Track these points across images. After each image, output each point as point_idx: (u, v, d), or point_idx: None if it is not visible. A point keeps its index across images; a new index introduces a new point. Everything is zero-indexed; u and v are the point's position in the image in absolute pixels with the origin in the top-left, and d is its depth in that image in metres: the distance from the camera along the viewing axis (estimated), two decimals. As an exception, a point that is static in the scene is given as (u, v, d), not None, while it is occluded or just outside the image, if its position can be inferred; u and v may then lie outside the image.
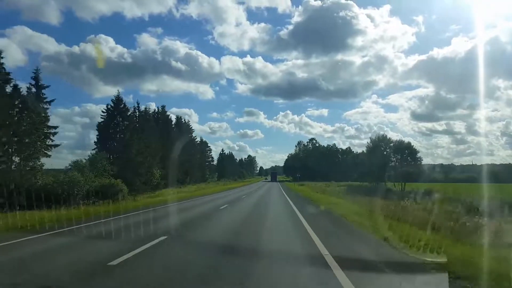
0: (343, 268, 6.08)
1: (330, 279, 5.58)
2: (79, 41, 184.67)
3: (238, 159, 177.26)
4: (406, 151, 70.56)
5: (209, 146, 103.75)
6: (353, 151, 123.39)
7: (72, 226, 11.66)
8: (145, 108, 58.54)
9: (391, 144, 72.25)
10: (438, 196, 25.74)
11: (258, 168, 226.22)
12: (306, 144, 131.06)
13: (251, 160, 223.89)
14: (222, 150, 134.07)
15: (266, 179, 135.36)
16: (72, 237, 10.26)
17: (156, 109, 62.15)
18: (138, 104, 56.74)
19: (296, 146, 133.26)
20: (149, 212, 17.06)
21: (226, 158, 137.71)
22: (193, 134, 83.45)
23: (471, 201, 25.37)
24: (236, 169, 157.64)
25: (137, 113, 55.36)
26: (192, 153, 74.96)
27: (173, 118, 71.53)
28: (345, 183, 78.16)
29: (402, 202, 18.66)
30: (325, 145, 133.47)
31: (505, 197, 27.18)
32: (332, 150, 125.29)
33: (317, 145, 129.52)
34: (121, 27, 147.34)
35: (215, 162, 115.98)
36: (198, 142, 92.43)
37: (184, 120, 79.72)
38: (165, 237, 9.51)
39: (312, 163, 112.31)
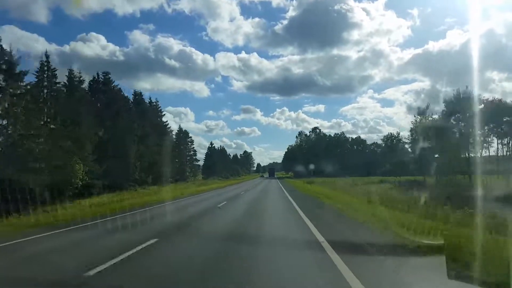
0: None
1: None
2: (69, 40, 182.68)
3: (232, 154, 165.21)
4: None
5: (191, 137, 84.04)
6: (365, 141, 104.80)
7: None
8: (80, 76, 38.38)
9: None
10: None
11: (255, 165, 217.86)
12: (308, 134, 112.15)
13: (247, 156, 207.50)
14: (211, 144, 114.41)
15: (262, 175, 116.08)
16: None
17: (97, 78, 42.07)
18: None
19: (297, 137, 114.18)
20: None
21: (216, 154, 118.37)
22: (165, 120, 63.85)
23: None
24: (229, 165, 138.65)
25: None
26: (163, 144, 55.12)
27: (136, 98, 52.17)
28: (377, 178, 58.96)
29: None
30: (331, 134, 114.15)
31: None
32: (340, 140, 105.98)
33: (322, 134, 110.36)
34: (112, 25, 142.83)
35: (200, 157, 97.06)
36: (174, 131, 72.88)
37: (151, 100, 60.14)
38: None
39: (318, 156, 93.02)
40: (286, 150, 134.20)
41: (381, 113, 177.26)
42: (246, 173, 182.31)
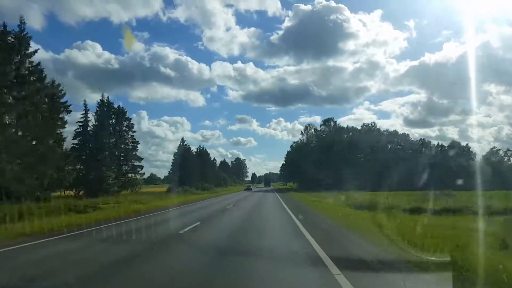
0: None
1: None
2: (64, 47, 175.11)
3: (220, 160, 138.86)
4: None
5: (129, 119, 52.85)
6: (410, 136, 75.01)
7: None
8: None
9: None
10: None
11: (249, 174, 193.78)
12: (320, 128, 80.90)
13: (239, 164, 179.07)
14: (183, 141, 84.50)
15: (249, 188, 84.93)
16: None
17: None
18: None
19: (302, 133, 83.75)
20: None
21: (191, 158, 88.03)
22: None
23: None
24: (213, 173, 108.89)
25: None
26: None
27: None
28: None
29: None
30: (356, 126, 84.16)
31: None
32: (372, 133, 76.13)
33: (342, 126, 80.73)
34: (107, 32, 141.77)
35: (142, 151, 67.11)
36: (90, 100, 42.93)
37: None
38: None
39: (333, 159, 63.19)
40: (286, 153, 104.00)
41: (378, 125, 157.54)
42: (238, 183, 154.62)
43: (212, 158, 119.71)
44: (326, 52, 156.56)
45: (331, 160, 64.05)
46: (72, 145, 44.70)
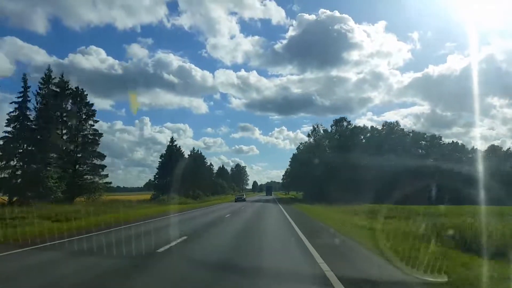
0: None
1: None
2: (68, 52, 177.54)
3: (218, 166, 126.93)
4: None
5: (90, 104, 40.06)
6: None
7: None
8: None
9: None
10: None
11: (250, 182, 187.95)
12: (331, 129, 65.88)
13: (240, 171, 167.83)
14: (172, 141, 72.86)
15: (241, 197, 70.67)
16: None
17: None
18: None
19: (310, 134, 70.72)
20: None
21: (183, 161, 75.52)
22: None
23: None
24: (209, 180, 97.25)
25: None
26: None
27: None
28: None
29: None
30: (374, 126, 72.38)
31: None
32: (398, 135, 63.36)
33: (358, 125, 67.39)
34: (112, 38, 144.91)
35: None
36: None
37: None
38: None
39: (352, 161, 51.04)
40: (291, 159, 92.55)
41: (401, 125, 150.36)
42: (237, 191, 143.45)
43: (208, 163, 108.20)
44: (330, 62, 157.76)
45: (346, 165, 52.00)
46: (4, 135, 33.27)
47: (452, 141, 71.90)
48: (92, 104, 39.51)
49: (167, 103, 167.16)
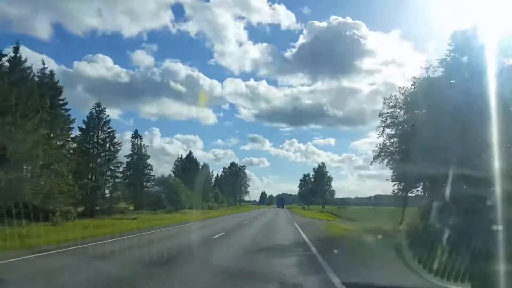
0: None
1: None
2: (74, 60, 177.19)
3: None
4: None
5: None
6: None
7: None
8: None
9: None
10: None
11: (252, 190, 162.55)
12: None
13: (235, 174, 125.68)
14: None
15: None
16: None
17: None
18: None
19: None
20: None
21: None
22: None
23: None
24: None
25: None
26: None
27: None
28: None
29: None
30: None
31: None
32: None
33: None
34: (118, 46, 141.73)
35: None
36: None
37: None
38: None
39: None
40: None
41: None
42: (241, 203, 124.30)
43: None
44: (342, 71, 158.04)
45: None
46: None
47: None
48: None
49: (175, 113, 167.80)
